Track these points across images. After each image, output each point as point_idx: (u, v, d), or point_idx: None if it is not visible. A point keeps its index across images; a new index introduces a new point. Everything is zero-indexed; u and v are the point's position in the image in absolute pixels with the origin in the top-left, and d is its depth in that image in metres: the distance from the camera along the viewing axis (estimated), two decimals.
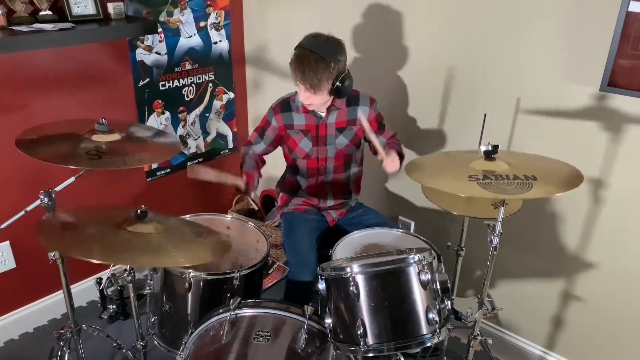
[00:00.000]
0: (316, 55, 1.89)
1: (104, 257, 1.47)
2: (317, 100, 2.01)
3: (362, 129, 2.15)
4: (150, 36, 2.59)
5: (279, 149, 2.27)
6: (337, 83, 1.95)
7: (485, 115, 1.96)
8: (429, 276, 1.51)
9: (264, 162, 2.24)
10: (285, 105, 2.14)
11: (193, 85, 2.88)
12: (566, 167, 1.70)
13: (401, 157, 2.06)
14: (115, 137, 1.81)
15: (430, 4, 2.24)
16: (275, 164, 2.40)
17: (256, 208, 3.30)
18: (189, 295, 1.93)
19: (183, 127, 2.91)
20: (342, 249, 1.97)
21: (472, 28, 2.15)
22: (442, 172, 1.73)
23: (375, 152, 2.07)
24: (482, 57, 2.15)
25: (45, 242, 1.52)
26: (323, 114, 2.12)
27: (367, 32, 2.49)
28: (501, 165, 1.65)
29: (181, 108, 2.87)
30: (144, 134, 2.00)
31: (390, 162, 1.98)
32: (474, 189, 1.53)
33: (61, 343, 1.99)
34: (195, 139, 3.01)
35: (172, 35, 2.69)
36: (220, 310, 1.70)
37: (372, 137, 1.95)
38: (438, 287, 1.54)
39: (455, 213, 2.01)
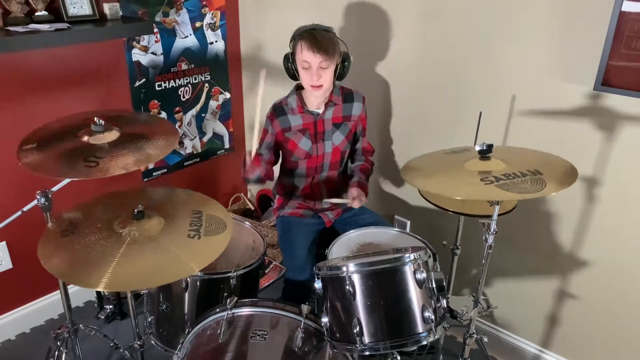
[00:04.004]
0: (323, 29, 2.00)
1: (109, 286, 1.46)
2: (327, 78, 2.02)
3: (356, 125, 2.22)
4: (146, 36, 2.59)
5: None
6: (341, 62, 2.04)
7: (480, 113, 1.97)
8: (424, 275, 1.52)
9: (273, 164, 2.25)
10: (279, 109, 2.16)
11: (189, 85, 2.88)
12: (556, 158, 1.72)
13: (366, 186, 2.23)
14: (114, 135, 1.79)
15: (424, 3, 2.25)
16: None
17: (252, 208, 3.30)
18: (186, 294, 1.93)
19: (179, 127, 2.91)
20: (338, 249, 1.98)
21: (465, 26, 2.16)
22: (449, 178, 1.70)
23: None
24: (477, 55, 2.16)
25: (47, 266, 1.51)
26: (320, 111, 2.14)
27: (361, 31, 2.50)
28: (498, 163, 1.65)
29: (177, 108, 2.87)
30: (139, 120, 1.97)
31: (357, 204, 2.11)
32: (495, 193, 1.52)
33: (58, 343, 1.99)
34: (192, 139, 3.01)
35: (168, 35, 2.69)
36: (217, 310, 1.71)
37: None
38: (434, 285, 1.55)
39: (450, 211, 2.02)
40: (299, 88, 2.14)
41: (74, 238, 1.64)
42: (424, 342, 1.53)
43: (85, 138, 1.74)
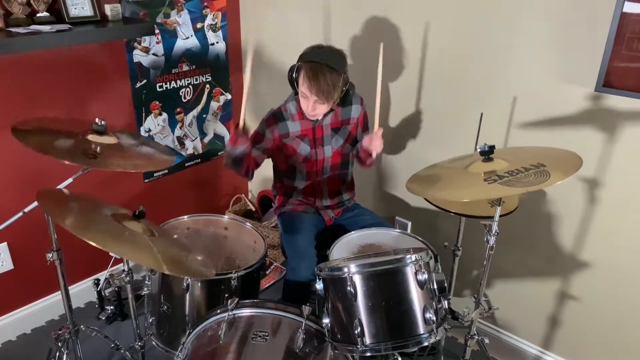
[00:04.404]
0: (329, 67, 1.93)
1: (95, 238, 1.46)
2: (324, 110, 2.05)
3: (356, 127, 2.22)
4: (147, 37, 2.59)
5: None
6: (344, 93, 2.02)
7: (481, 114, 1.97)
8: (426, 276, 1.52)
9: (257, 165, 2.19)
10: (278, 116, 2.15)
11: (190, 86, 2.88)
12: (558, 150, 1.72)
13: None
14: (112, 140, 1.81)
15: (424, 4, 2.25)
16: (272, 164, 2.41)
17: (253, 209, 3.30)
18: (187, 295, 1.93)
19: (180, 128, 2.91)
20: (339, 249, 1.98)
21: (466, 28, 2.16)
22: (453, 183, 1.70)
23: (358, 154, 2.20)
24: (478, 57, 2.16)
25: (43, 206, 1.53)
26: (318, 117, 2.13)
27: (361, 33, 2.50)
28: (501, 162, 1.65)
29: (178, 109, 2.87)
30: (135, 145, 1.98)
31: (378, 140, 2.01)
32: (499, 190, 1.52)
33: (59, 344, 2.00)
34: (193, 140, 3.01)
35: (169, 36, 2.69)
36: (218, 311, 1.71)
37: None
38: (435, 286, 1.55)
39: (452, 212, 2.02)
40: (298, 93, 2.13)
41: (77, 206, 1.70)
42: (425, 343, 1.53)
43: (85, 135, 1.78)
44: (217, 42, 2.93)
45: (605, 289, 2.11)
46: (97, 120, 1.80)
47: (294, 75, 2.01)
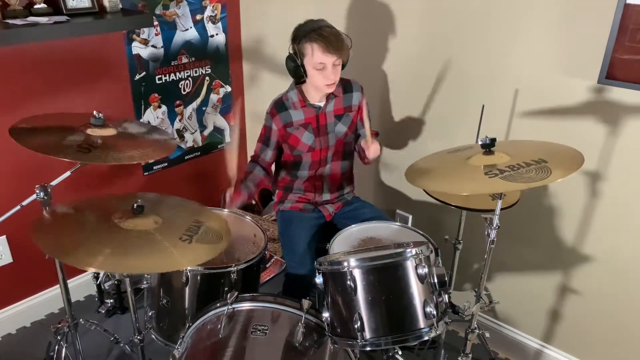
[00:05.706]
0: (329, 26, 1.98)
1: (102, 265, 1.47)
2: (339, 73, 2.03)
3: (357, 115, 2.20)
4: (146, 29, 2.57)
5: None
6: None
7: (483, 106, 1.95)
8: (426, 270, 1.51)
9: (270, 174, 2.28)
10: (280, 105, 2.14)
11: (190, 78, 2.86)
12: (560, 146, 1.70)
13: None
14: (111, 132, 1.80)
15: None
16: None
17: (253, 202, 3.29)
18: (187, 289, 1.93)
19: (180, 121, 2.90)
20: (339, 243, 1.97)
21: (469, 19, 2.14)
22: (453, 175, 1.68)
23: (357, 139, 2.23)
24: (480, 49, 2.15)
25: (41, 245, 1.49)
26: (321, 104, 2.12)
27: (362, 25, 2.48)
28: (502, 156, 1.63)
29: (178, 102, 2.86)
30: (138, 131, 1.98)
31: (374, 148, 2.05)
32: (500, 185, 1.50)
33: (58, 337, 2.00)
34: (192, 133, 2.99)
35: (169, 28, 2.67)
36: (218, 304, 1.70)
37: (366, 120, 2.02)
38: (435, 280, 1.54)
39: (453, 206, 2.01)
40: (298, 82, 2.12)
41: (71, 222, 1.66)
42: (426, 338, 1.52)
43: (83, 129, 1.76)
44: (217, 34, 2.91)
45: (607, 283, 2.10)
46: (95, 112, 1.79)
47: (296, 61, 1.99)
